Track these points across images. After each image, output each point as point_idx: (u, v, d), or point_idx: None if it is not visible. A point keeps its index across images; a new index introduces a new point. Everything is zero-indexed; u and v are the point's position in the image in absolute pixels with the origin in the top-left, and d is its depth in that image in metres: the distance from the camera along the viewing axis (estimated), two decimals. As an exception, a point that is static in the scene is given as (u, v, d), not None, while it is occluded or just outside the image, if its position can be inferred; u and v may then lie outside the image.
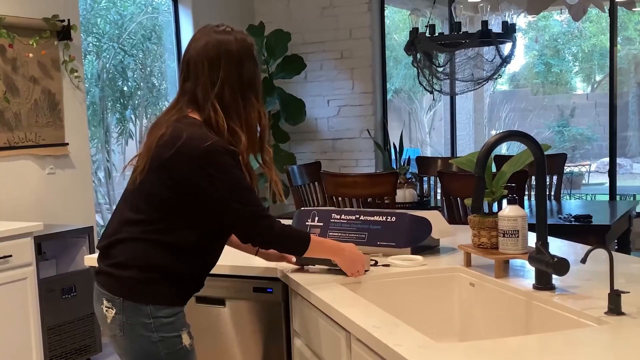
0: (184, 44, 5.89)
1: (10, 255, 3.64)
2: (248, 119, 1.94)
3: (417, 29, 4.43)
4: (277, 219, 2.02)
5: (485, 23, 4.26)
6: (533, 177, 4.63)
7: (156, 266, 1.91)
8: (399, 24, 10.96)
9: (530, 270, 1.93)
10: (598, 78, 13.95)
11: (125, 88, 5.89)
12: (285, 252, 2.14)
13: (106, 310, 1.94)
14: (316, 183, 4.92)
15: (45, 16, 4.44)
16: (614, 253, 1.65)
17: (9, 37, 4.16)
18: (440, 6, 6.08)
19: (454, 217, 3.81)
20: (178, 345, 1.94)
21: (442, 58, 4.52)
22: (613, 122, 5.84)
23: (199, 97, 1.93)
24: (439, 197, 4.96)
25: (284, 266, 2.26)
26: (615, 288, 1.59)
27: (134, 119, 5.88)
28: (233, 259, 2.37)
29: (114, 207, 2.15)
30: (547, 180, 4.75)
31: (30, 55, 4.36)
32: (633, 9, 6.52)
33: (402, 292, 2.13)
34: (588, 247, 1.70)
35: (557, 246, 2.40)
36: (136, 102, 5.92)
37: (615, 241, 4.47)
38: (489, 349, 1.46)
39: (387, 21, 6.55)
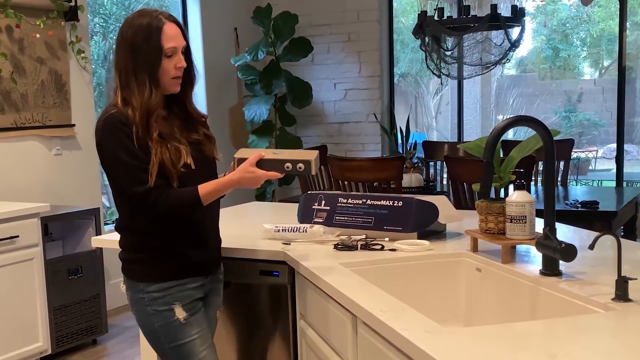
0: (191, 26, 5.88)
1: (17, 236, 3.66)
2: (141, 98, 2.02)
3: (426, 12, 4.41)
4: (163, 187, 2.00)
5: (494, 7, 4.23)
6: (539, 163, 4.61)
7: (132, 247, 2.13)
8: (406, 6, 10.89)
9: (537, 256, 1.93)
10: (606, 63, 13.86)
11: (131, 69, 5.87)
12: (182, 214, 2.11)
13: (122, 287, 2.21)
14: (322, 167, 4.92)
15: (52, -4, 4.43)
16: (621, 239, 1.65)
17: (16, 18, 4.15)
18: (449, -11, 6.04)
19: (460, 202, 3.81)
20: (170, 318, 2.07)
21: (450, 42, 4.50)
22: (621, 108, 5.81)
23: (114, 78, 2.10)
24: (445, 182, 4.95)
25: (289, 248, 2.26)
26: (622, 274, 1.59)
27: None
28: (239, 242, 2.38)
29: None
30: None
31: (37, 35, 4.35)
32: (643, -6, 6.45)
33: (409, 277, 2.13)
34: (594, 233, 1.70)
35: (563, 232, 2.40)
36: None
37: (622, 227, 4.46)
38: (495, 334, 1.46)
39: (394, 4, 6.50)
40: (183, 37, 2.07)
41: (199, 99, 5.89)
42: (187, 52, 2.10)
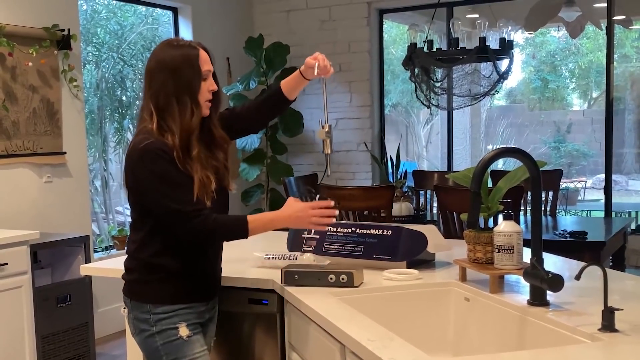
0: (183, 54, 5.92)
1: (6, 264, 3.64)
2: (182, 120, 2.08)
3: (415, 44, 4.46)
4: (208, 209, 2.06)
5: (483, 39, 4.29)
6: (528, 192, 4.64)
7: (145, 268, 2.13)
8: (396, 38, 11.00)
9: (525, 285, 1.94)
10: (594, 95, 14.01)
11: (123, 98, 5.89)
12: (227, 241, 2.21)
13: (123, 310, 2.20)
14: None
15: (46, 25, 4.46)
16: (608, 270, 1.67)
17: (9, 46, 4.17)
18: (439, 22, 6.12)
19: (450, 232, 3.82)
20: (173, 336, 2.10)
21: (439, 73, 4.54)
22: (609, 139, 5.87)
23: (144, 105, 2.14)
24: (435, 211, 4.97)
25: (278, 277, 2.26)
26: (609, 305, 1.60)
27: (132, 128, 5.88)
28: (229, 270, 2.38)
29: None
30: (543, 195, 4.77)
31: (30, 64, 4.37)
32: (630, 27, 6.57)
33: (397, 306, 2.13)
34: (583, 264, 1.71)
35: (552, 262, 2.41)
36: (134, 111, 5.93)
37: (610, 258, 4.48)
38: (483, 363, 1.47)
39: (385, 35, 6.58)
40: (211, 63, 2.16)
41: (191, 127, 5.90)
42: (214, 77, 2.18)
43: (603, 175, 6.17)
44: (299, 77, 2.45)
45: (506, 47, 4.36)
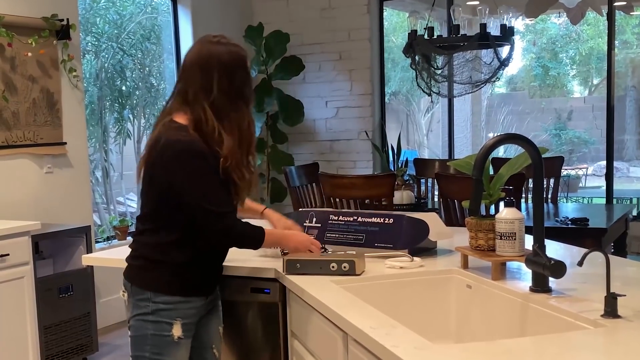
0: (183, 44, 5.90)
1: (8, 254, 3.64)
2: (239, 124, 2.08)
3: (416, 31, 4.44)
4: (237, 218, 2.13)
5: (483, 26, 4.27)
6: (530, 180, 4.64)
7: (153, 257, 2.13)
8: (396, 25, 10.96)
9: (527, 272, 1.94)
10: (595, 81, 13.97)
11: (123, 88, 5.88)
12: (241, 248, 2.24)
13: (122, 294, 2.19)
14: (314, 184, 4.92)
15: (45, 15, 4.44)
16: (610, 256, 1.66)
17: (8, 36, 4.16)
18: (439, 9, 6.10)
19: (451, 219, 3.82)
20: (165, 331, 2.09)
21: (440, 60, 4.53)
22: (610, 126, 5.86)
23: (189, 99, 2.07)
24: (436, 199, 4.97)
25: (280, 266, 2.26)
26: (611, 291, 1.60)
27: (132, 118, 5.87)
28: (230, 259, 2.38)
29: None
30: (544, 183, 4.77)
31: (29, 54, 4.36)
32: (631, 13, 6.54)
33: (399, 294, 2.13)
34: (584, 250, 1.71)
35: (554, 249, 2.41)
36: (134, 101, 5.92)
37: (612, 244, 4.48)
38: (485, 350, 1.47)
39: (385, 23, 6.55)
40: None
41: (191, 117, 5.89)
42: None
43: (604, 162, 6.16)
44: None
45: (507, 33, 4.35)
